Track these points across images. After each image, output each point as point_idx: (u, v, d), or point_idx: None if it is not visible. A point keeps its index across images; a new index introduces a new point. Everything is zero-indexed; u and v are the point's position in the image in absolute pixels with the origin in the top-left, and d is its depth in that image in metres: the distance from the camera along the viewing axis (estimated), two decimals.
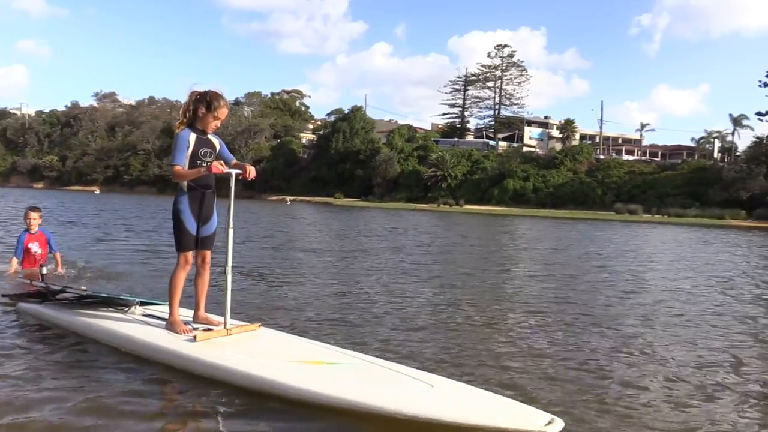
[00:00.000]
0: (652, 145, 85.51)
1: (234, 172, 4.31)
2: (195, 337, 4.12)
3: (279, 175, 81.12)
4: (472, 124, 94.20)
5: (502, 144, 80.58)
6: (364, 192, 72.88)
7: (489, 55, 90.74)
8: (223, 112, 4.35)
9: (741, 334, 6.01)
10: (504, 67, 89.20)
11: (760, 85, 62.67)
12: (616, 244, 19.34)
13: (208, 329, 4.32)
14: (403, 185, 72.79)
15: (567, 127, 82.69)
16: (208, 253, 4.53)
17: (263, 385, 3.56)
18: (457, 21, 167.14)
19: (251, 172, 4.33)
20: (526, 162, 71.15)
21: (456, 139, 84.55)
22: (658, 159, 76.40)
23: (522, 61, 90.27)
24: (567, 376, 4.30)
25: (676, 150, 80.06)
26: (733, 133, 75.27)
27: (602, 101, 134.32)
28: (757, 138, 65.34)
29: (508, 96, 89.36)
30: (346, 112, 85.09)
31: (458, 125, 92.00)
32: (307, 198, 72.22)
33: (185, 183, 4.31)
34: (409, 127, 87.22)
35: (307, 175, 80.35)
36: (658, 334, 5.80)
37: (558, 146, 78.28)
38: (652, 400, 3.87)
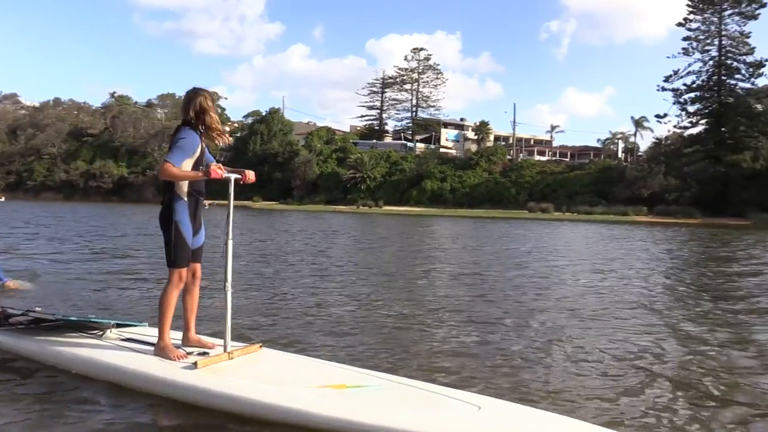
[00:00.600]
0: (561, 146, 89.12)
1: (233, 176, 4.03)
2: (196, 363, 3.67)
3: None
4: (390, 126, 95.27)
5: (420, 145, 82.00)
6: (282, 195, 72.32)
7: (406, 58, 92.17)
8: (215, 118, 4.17)
9: (651, 323, 6.52)
10: (420, 70, 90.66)
11: (658, 89, 66.53)
12: (532, 242, 20.20)
13: (204, 353, 3.94)
14: (323, 187, 72.76)
15: (482, 128, 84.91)
16: (199, 267, 4.16)
17: (288, 414, 3.18)
18: (375, 24, 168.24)
19: (251, 176, 4.09)
20: (443, 163, 72.66)
21: (374, 141, 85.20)
22: (568, 159, 79.73)
23: (438, 65, 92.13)
24: (486, 363, 4.57)
25: (583, 150, 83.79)
26: (635, 135, 79.52)
27: (515, 104, 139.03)
28: (657, 139, 69.50)
29: (424, 98, 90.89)
30: (264, 114, 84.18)
31: (376, 127, 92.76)
32: (225, 201, 70.57)
33: (184, 189, 3.94)
34: (328, 129, 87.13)
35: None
36: (580, 326, 6.20)
37: (473, 147, 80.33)
38: (576, 386, 4.19)
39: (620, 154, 77.72)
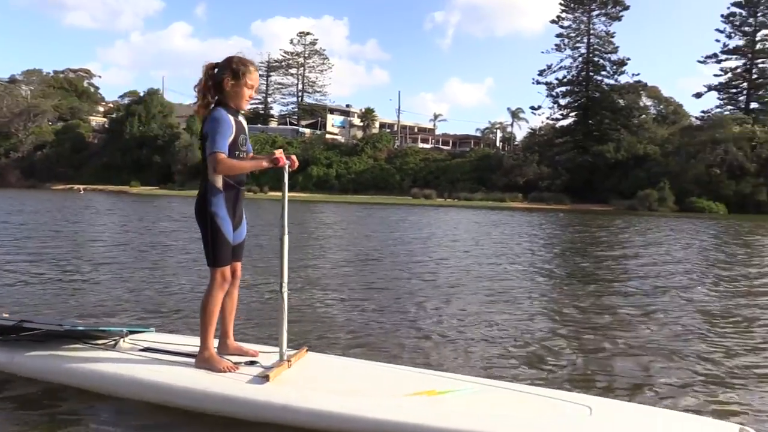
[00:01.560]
0: (444, 134, 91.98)
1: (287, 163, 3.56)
2: (268, 376, 3.27)
3: (65, 162, 74.39)
4: (276, 110, 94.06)
5: (306, 131, 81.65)
6: (162, 179, 69.55)
7: (292, 42, 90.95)
8: (255, 78, 3.57)
9: (524, 298, 7.16)
10: (307, 55, 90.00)
11: (533, 83, 70.54)
12: (418, 226, 20.98)
13: (252, 362, 3.54)
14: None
15: (368, 115, 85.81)
16: (239, 265, 3.71)
17: (392, 428, 2.90)
18: (260, 5, 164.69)
19: (295, 162, 3.65)
20: (329, 149, 72.86)
21: (267, 126, 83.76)
22: (450, 147, 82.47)
23: (324, 50, 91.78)
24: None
25: (464, 139, 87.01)
26: (512, 125, 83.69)
27: (400, 92, 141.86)
28: (531, 129, 73.71)
29: (311, 83, 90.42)
30: (142, 94, 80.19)
31: (261, 111, 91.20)
32: (100, 186, 67.06)
33: (220, 179, 3.48)
34: None
35: (99, 161, 74.55)
36: (468, 302, 6.72)
37: (359, 134, 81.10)
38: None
39: (498, 143, 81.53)
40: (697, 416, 3.12)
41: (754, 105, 67.15)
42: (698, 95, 74.35)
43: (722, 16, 68.50)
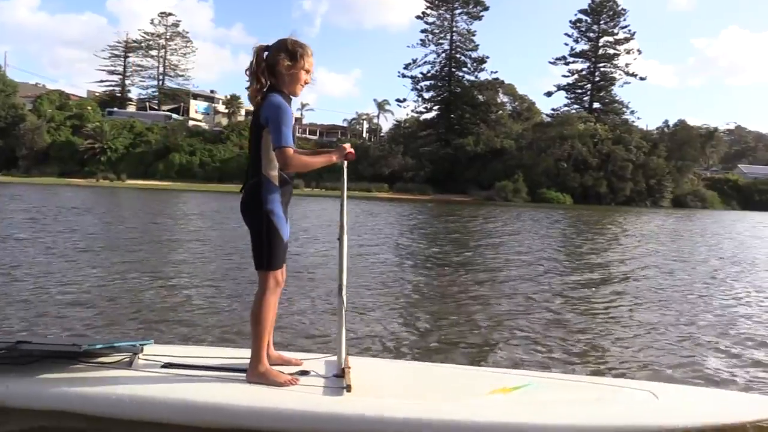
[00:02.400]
0: (311, 124, 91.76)
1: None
2: (349, 387, 3.03)
3: None
4: (134, 93, 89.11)
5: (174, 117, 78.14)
6: (5, 165, 63.80)
7: (152, 22, 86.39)
8: (312, 63, 3.25)
9: (382, 287, 7.51)
10: (168, 36, 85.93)
11: (399, 76, 72.42)
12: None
13: (303, 372, 3.27)
14: (55, 158, 65.61)
15: (233, 102, 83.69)
16: (284, 268, 3.30)
17: (490, 428, 2.85)
18: None
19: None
20: (192, 136, 70.29)
21: (124, 109, 79.05)
22: (317, 137, 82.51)
23: (187, 32, 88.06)
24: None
25: (332, 129, 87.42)
26: (378, 116, 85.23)
27: None
28: (397, 121, 75.65)
29: (172, 67, 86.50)
30: None
31: (118, 94, 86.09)
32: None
33: (277, 174, 3.13)
34: (61, 93, 78.43)
35: None
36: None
37: (224, 121, 79.03)
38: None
39: (365, 134, 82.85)
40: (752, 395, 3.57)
41: (596, 105, 73.31)
42: (549, 94, 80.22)
43: (570, 21, 74.27)
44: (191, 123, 76.82)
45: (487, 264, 10.05)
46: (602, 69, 73.74)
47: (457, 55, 71.80)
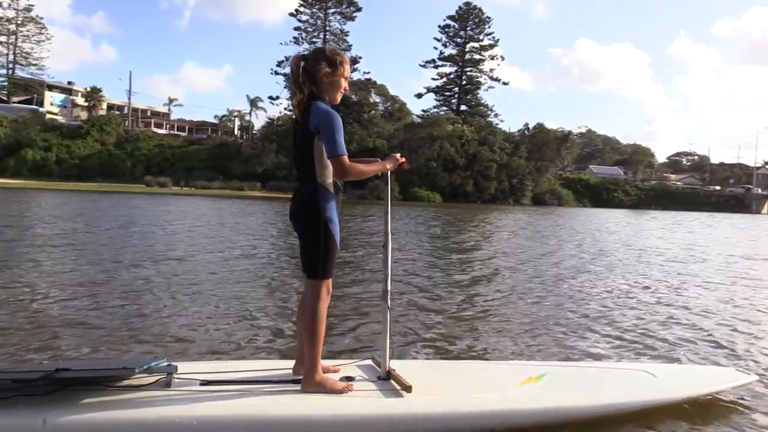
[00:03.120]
0: (179, 120, 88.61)
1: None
2: (410, 387, 3.11)
3: None
4: None
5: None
6: None
7: (1, 5, 79.59)
8: (349, 70, 3.27)
9: (250, 286, 7.53)
10: (20, 21, 79.31)
11: (271, 73, 71.53)
12: (153, 215, 20.20)
13: (348, 378, 3.29)
14: None
15: (93, 95, 79.02)
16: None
17: (527, 416, 3.14)
18: None
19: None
20: (48, 130, 65.51)
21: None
22: (186, 134, 79.80)
23: (42, 18, 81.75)
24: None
25: (202, 126, 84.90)
26: (250, 113, 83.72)
27: (131, 72, 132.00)
28: (270, 119, 74.63)
29: (24, 55, 79.95)
30: None
31: None
32: None
33: (331, 182, 3.14)
34: None
35: None
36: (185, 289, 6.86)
37: (84, 115, 74.30)
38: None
39: (237, 132, 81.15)
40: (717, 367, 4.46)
41: (464, 107, 76.59)
42: (419, 95, 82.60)
43: (440, 26, 77.02)
44: (47, 116, 71.54)
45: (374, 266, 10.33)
46: (469, 73, 77.13)
47: None
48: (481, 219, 28.89)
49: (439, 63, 77.11)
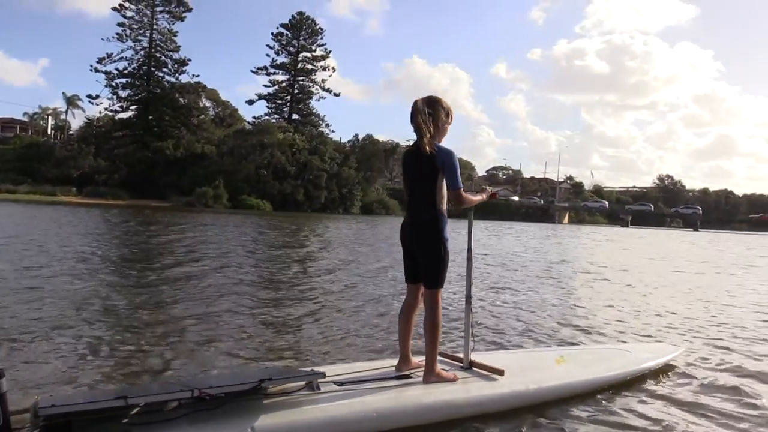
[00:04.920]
0: None
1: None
2: (502, 371, 3.87)
3: None
4: None
5: None
6: None
7: None
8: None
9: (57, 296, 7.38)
10: None
11: (92, 70, 66.82)
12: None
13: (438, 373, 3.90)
14: None
15: None
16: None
17: (579, 387, 4.06)
18: None
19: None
20: None
21: None
22: None
23: None
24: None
25: (9, 123, 77.36)
26: (66, 112, 77.75)
27: None
28: (88, 119, 69.94)
29: None
30: None
31: None
32: None
33: (445, 209, 3.78)
34: None
35: None
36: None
37: None
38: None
39: (50, 131, 74.92)
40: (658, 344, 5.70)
41: (295, 116, 77.01)
42: (251, 102, 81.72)
43: (272, 34, 76.82)
44: None
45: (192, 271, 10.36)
46: (301, 82, 77.62)
47: (158, 55, 69.00)
48: (333, 227, 29.47)
49: (272, 70, 76.87)
